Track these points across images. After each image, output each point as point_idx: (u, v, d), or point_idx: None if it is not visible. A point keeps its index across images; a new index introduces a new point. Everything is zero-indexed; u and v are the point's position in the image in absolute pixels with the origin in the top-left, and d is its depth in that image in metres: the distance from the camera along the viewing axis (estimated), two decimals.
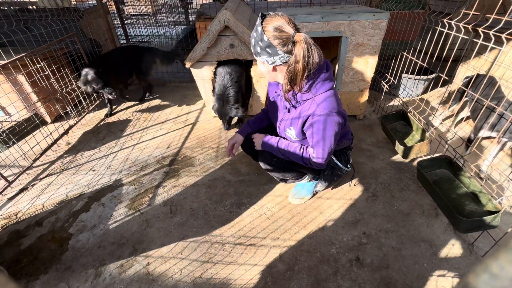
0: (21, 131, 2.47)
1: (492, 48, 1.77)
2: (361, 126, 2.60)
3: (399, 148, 2.10)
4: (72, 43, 2.94)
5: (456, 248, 1.48)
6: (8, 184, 1.98)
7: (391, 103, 2.93)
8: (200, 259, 1.48)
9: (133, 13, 7.29)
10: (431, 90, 3.11)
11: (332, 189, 1.90)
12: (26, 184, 2.04)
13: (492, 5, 3.02)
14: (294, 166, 1.56)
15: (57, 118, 2.84)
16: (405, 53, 2.43)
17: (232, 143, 1.66)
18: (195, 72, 2.42)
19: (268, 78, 1.35)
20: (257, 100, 2.61)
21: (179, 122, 2.79)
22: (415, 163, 2.07)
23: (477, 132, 1.90)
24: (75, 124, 2.74)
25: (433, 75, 2.84)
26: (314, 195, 1.84)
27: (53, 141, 2.45)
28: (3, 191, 1.95)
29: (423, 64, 2.29)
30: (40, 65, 2.42)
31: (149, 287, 1.36)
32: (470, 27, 1.75)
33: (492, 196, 1.55)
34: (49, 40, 2.68)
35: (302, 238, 1.57)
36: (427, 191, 1.80)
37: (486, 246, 1.48)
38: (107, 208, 1.81)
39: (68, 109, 2.77)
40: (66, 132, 2.60)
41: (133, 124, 2.78)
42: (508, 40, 1.51)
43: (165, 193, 1.91)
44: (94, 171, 2.16)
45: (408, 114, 2.37)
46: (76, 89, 2.82)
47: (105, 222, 1.72)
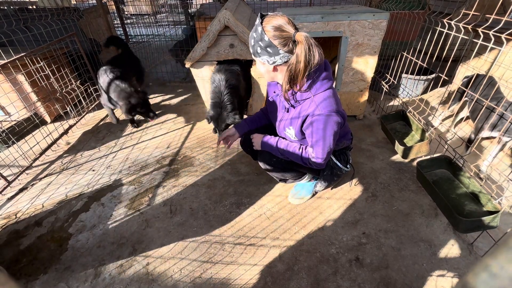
0: (20, 130, 2.47)
1: (492, 48, 1.77)
2: (361, 126, 2.60)
3: (398, 148, 2.10)
4: (72, 43, 2.94)
5: (456, 248, 1.48)
6: (7, 184, 1.98)
7: (391, 103, 2.93)
8: (199, 259, 1.48)
9: (133, 12, 7.29)
10: (431, 90, 3.12)
11: (332, 189, 1.90)
12: (26, 184, 2.04)
13: (492, 5, 3.03)
14: (294, 166, 1.56)
15: (57, 118, 2.84)
16: (405, 53, 2.43)
17: (227, 135, 1.68)
18: (195, 72, 2.41)
19: (267, 78, 1.35)
20: (257, 100, 2.60)
21: (179, 122, 2.79)
22: (414, 163, 2.07)
23: (478, 132, 1.89)
24: (75, 124, 2.74)
25: (433, 75, 2.84)
26: (313, 195, 1.84)
27: (52, 141, 2.44)
28: (2, 190, 1.95)
29: (423, 64, 2.29)
30: (39, 65, 2.42)
31: (149, 287, 1.36)
32: (470, 27, 1.75)
33: (491, 196, 1.56)
34: (49, 39, 2.67)
35: (302, 238, 1.57)
36: (427, 191, 1.80)
37: (486, 246, 1.48)
38: (107, 208, 1.81)
39: (68, 108, 2.76)
40: (65, 132, 2.60)
41: None
42: (507, 40, 1.51)
43: (164, 193, 1.91)
44: (93, 171, 2.16)
45: (408, 114, 2.38)
46: (76, 88, 2.82)
47: (104, 222, 1.72)
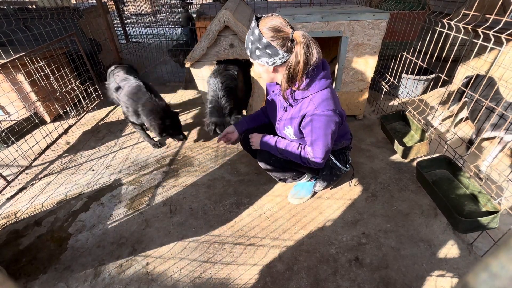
0: (20, 130, 2.46)
1: (492, 49, 1.77)
2: (360, 126, 2.60)
3: (398, 148, 2.10)
4: (71, 43, 2.94)
5: (455, 248, 1.48)
6: (7, 184, 1.98)
7: (391, 103, 2.93)
8: (199, 259, 1.48)
9: (133, 12, 7.29)
10: (430, 90, 3.12)
11: (332, 189, 1.90)
12: (25, 184, 2.04)
13: (491, 6, 3.03)
14: (293, 165, 1.56)
15: (57, 118, 2.84)
16: (405, 53, 2.43)
17: (226, 132, 1.69)
18: (195, 72, 2.41)
19: (267, 79, 1.35)
20: (257, 100, 2.60)
21: None
22: (414, 163, 2.07)
23: (480, 133, 1.88)
24: (75, 124, 2.74)
25: (433, 76, 2.84)
26: (313, 195, 1.84)
27: (52, 141, 2.44)
28: (2, 190, 1.95)
29: (422, 64, 2.29)
30: (39, 65, 2.42)
31: (148, 287, 1.36)
32: (469, 27, 1.75)
33: (491, 196, 1.56)
34: (49, 39, 2.67)
35: (302, 238, 1.57)
36: (427, 191, 1.80)
37: (485, 247, 1.48)
38: (107, 207, 1.81)
39: (68, 108, 2.76)
40: (65, 131, 2.60)
41: None
42: (507, 40, 1.51)
43: (164, 193, 1.91)
44: (93, 170, 2.15)
45: (408, 114, 2.38)
46: (76, 88, 2.82)
47: (104, 221, 1.71)
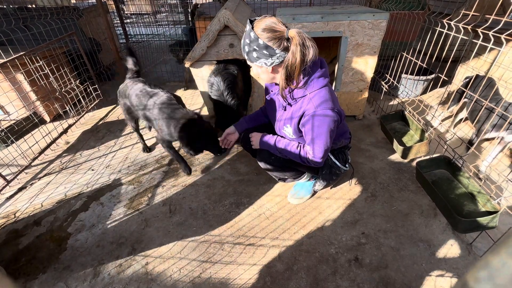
0: (20, 130, 2.46)
1: (491, 49, 1.77)
2: (360, 126, 2.60)
3: (398, 148, 2.10)
4: (71, 42, 2.94)
5: (455, 248, 1.49)
6: (6, 183, 1.98)
7: (391, 103, 2.93)
8: (199, 259, 1.48)
9: (133, 12, 7.29)
10: (430, 90, 3.12)
11: (331, 188, 1.90)
12: (25, 183, 2.04)
13: (491, 6, 3.03)
14: (293, 164, 1.56)
15: (56, 117, 2.83)
16: (405, 54, 2.43)
17: (227, 134, 1.71)
18: (195, 71, 2.41)
19: (266, 80, 1.35)
20: (256, 100, 2.60)
21: None
22: (414, 163, 2.07)
23: (481, 134, 1.88)
24: (74, 123, 2.74)
25: (433, 76, 2.85)
26: (313, 195, 1.84)
27: (52, 140, 2.44)
28: (1, 190, 1.95)
29: (422, 64, 2.29)
30: (39, 64, 2.42)
31: (148, 286, 1.36)
32: (469, 27, 1.76)
33: (490, 196, 1.56)
34: (48, 39, 2.67)
35: (301, 238, 1.57)
36: (426, 191, 1.80)
37: (485, 247, 1.48)
38: (106, 207, 1.81)
39: (67, 108, 2.76)
40: (65, 131, 2.59)
41: None
42: (507, 40, 1.51)
43: (164, 193, 1.91)
44: (93, 170, 2.15)
45: (407, 114, 2.38)
46: (75, 88, 2.82)
47: (104, 221, 1.71)
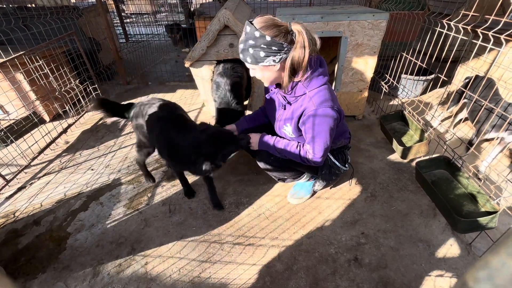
0: (19, 129, 2.46)
1: (491, 49, 1.77)
2: (360, 126, 2.60)
3: (397, 148, 2.11)
4: (71, 42, 2.93)
5: (454, 248, 1.49)
6: (6, 183, 1.97)
7: (390, 104, 2.93)
8: (198, 259, 1.48)
9: (132, 11, 7.28)
10: (430, 90, 3.12)
11: (331, 188, 1.90)
12: (24, 183, 2.04)
13: (491, 6, 3.03)
14: (292, 164, 1.56)
15: (56, 117, 2.83)
16: (405, 54, 2.44)
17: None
18: (195, 71, 2.41)
19: (270, 80, 1.31)
20: (256, 100, 2.60)
21: None
22: (413, 163, 2.07)
23: (481, 134, 1.88)
24: (74, 123, 2.73)
25: (432, 76, 2.85)
26: (312, 195, 1.84)
27: (51, 140, 2.44)
28: (1, 189, 1.94)
29: (422, 64, 2.29)
30: (38, 64, 2.42)
31: (147, 286, 1.36)
32: (469, 28, 1.76)
33: (490, 196, 1.56)
34: (48, 38, 2.67)
35: (301, 238, 1.57)
36: (426, 191, 1.80)
37: (484, 247, 1.48)
38: (106, 207, 1.81)
39: (67, 107, 2.76)
40: (64, 131, 2.59)
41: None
42: (507, 41, 1.51)
43: (163, 193, 1.91)
44: (92, 170, 2.15)
45: (407, 114, 2.38)
46: (75, 87, 2.81)
47: (103, 221, 1.71)
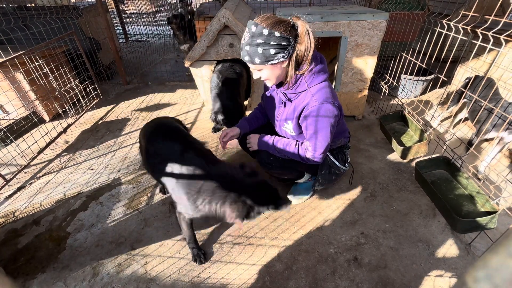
0: (19, 129, 2.46)
1: (491, 50, 1.77)
2: (359, 127, 2.60)
3: (397, 148, 2.11)
4: (70, 41, 2.93)
5: (454, 248, 1.49)
6: (5, 183, 1.97)
7: (390, 104, 2.93)
8: None
9: (132, 11, 7.28)
10: (429, 91, 3.12)
11: (331, 189, 1.90)
12: (24, 183, 2.04)
13: (491, 7, 3.04)
14: (292, 164, 1.56)
15: (56, 117, 2.83)
16: (404, 54, 2.44)
17: (231, 135, 1.61)
18: (194, 71, 2.41)
19: (275, 78, 1.29)
20: (256, 100, 2.61)
21: None
22: (413, 163, 2.08)
23: (481, 134, 1.87)
24: (74, 123, 2.73)
25: (432, 76, 2.85)
26: (312, 194, 1.84)
27: (51, 140, 2.44)
28: (0, 189, 1.94)
29: (422, 65, 2.29)
30: (38, 63, 2.41)
31: (147, 286, 1.36)
32: (469, 28, 1.76)
33: (489, 196, 1.56)
34: (48, 38, 2.67)
35: (301, 238, 1.58)
36: (425, 191, 1.81)
37: (483, 247, 1.49)
38: (105, 207, 1.81)
39: (67, 107, 2.76)
40: (64, 130, 2.59)
41: (131, 123, 2.77)
42: (506, 41, 1.51)
43: None
44: (92, 170, 2.15)
45: (407, 114, 2.38)
46: (75, 87, 2.81)
47: (103, 221, 1.71)
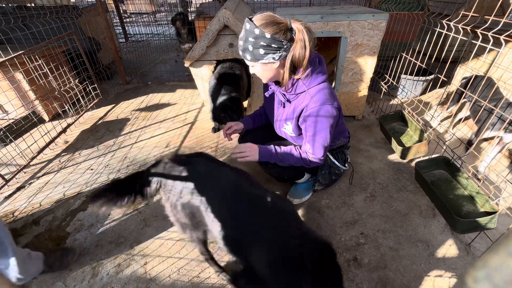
0: (18, 129, 2.45)
1: (491, 50, 1.77)
2: (359, 127, 2.60)
3: (397, 148, 2.11)
4: (70, 41, 2.93)
5: (453, 248, 1.49)
6: (5, 183, 1.97)
7: (390, 104, 2.93)
8: (198, 259, 1.48)
9: (132, 11, 7.28)
10: (429, 91, 3.12)
11: (331, 189, 1.90)
12: (23, 183, 2.03)
13: (490, 7, 3.04)
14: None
15: (55, 117, 2.83)
16: (404, 54, 2.44)
17: (232, 126, 1.62)
18: (194, 71, 2.41)
19: (269, 78, 1.30)
20: (256, 100, 2.60)
21: (178, 121, 2.78)
22: (413, 163, 2.08)
23: (481, 133, 1.87)
24: (73, 123, 2.73)
25: (432, 76, 2.85)
26: (312, 194, 1.84)
27: (51, 140, 2.44)
28: (0, 189, 1.94)
29: (421, 65, 2.29)
30: (38, 63, 2.41)
31: (147, 286, 1.36)
32: (468, 28, 1.76)
33: (489, 197, 1.56)
34: (48, 38, 2.66)
35: None
36: (425, 191, 1.81)
37: (483, 247, 1.49)
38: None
39: (66, 107, 2.76)
40: (64, 130, 2.59)
41: (131, 123, 2.77)
42: (506, 41, 1.51)
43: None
44: (92, 169, 2.15)
45: (407, 114, 2.38)
46: (74, 87, 2.81)
47: (102, 221, 1.71)
